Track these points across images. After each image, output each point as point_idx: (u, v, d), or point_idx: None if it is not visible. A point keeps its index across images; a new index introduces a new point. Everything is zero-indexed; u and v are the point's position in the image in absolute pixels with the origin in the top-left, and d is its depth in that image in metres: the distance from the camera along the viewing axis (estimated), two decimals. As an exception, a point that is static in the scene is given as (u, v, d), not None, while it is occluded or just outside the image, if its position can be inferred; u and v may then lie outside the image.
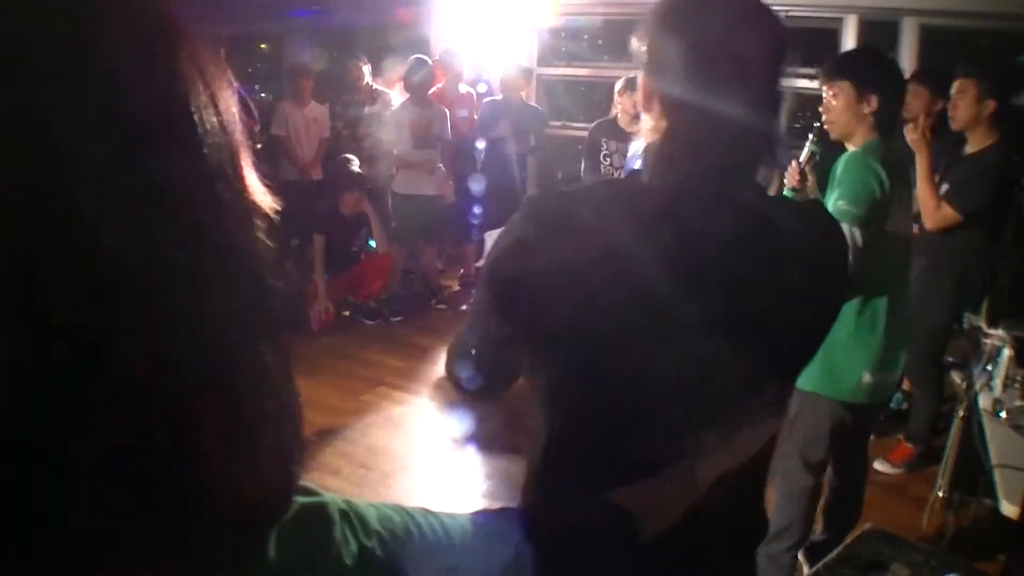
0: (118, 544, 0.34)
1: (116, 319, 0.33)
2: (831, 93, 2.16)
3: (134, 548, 0.35)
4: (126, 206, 0.34)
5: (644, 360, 0.83)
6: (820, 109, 2.22)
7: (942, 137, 3.17)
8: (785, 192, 2.34)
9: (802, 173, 2.31)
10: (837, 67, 2.20)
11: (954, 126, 3.04)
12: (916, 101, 3.35)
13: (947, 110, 3.07)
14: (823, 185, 2.32)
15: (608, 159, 4.48)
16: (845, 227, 1.96)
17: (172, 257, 0.35)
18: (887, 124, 2.18)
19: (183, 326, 0.35)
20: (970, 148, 3.04)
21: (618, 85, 4.52)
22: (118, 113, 0.34)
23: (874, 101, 2.11)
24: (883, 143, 2.13)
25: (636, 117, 4.39)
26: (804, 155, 2.31)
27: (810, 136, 2.32)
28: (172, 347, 0.35)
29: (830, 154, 2.27)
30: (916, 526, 2.54)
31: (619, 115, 4.49)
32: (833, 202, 2.07)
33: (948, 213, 2.95)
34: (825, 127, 2.21)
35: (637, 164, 4.44)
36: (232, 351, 0.38)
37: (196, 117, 0.38)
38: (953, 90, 3.00)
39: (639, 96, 0.96)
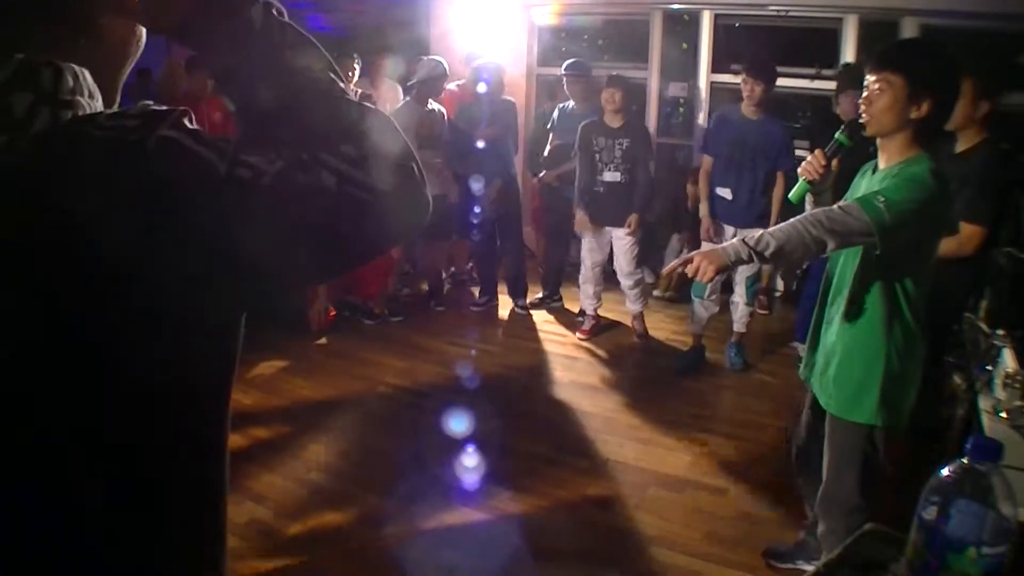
0: None
1: None
2: (877, 85, 1.90)
3: None
4: None
5: None
6: (860, 101, 1.97)
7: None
8: (800, 183, 2.09)
9: (826, 165, 2.04)
10: (891, 57, 1.93)
11: (948, 126, 3.03)
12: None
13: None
14: (845, 183, 2.18)
15: (599, 154, 4.51)
16: (865, 215, 1.80)
17: None
18: (931, 135, 1.94)
19: None
20: (960, 147, 3.03)
21: (606, 82, 4.52)
22: None
23: (925, 107, 1.87)
24: (934, 159, 1.91)
25: (617, 111, 4.41)
26: (831, 145, 2.04)
27: (842, 126, 2.06)
28: None
29: (860, 151, 2.08)
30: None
31: (606, 113, 4.51)
32: (871, 194, 1.85)
33: (974, 233, 2.89)
34: (861, 120, 1.97)
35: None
36: None
37: None
38: None
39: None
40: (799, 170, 2.11)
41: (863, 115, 1.96)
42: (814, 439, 2.28)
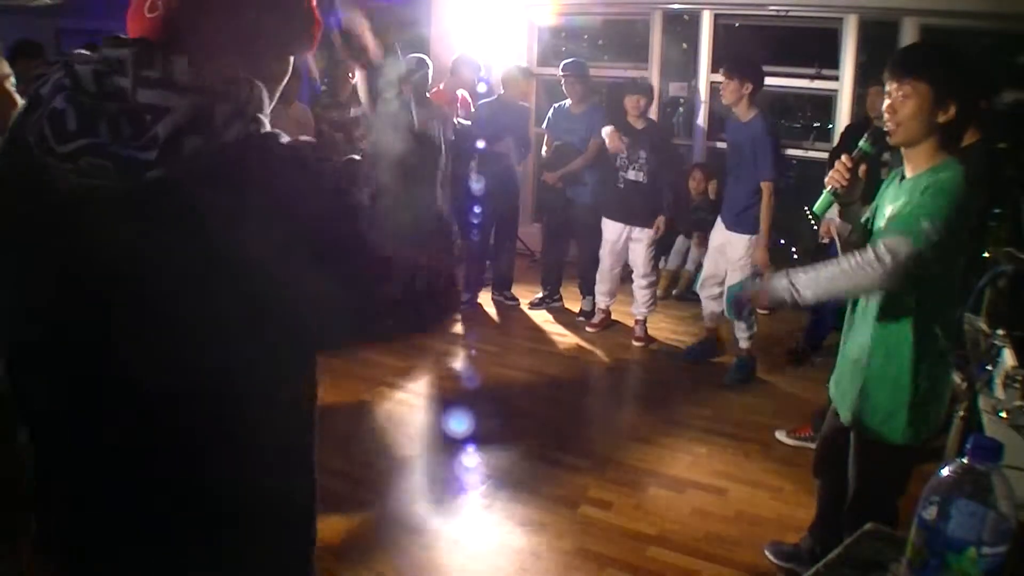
0: None
1: None
2: (900, 93, 1.87)
3: None
4: None
5: None
6: (883, 108, 1.93)
7: None
8: (825, 194, 2.03)
9: (852, 173, 1.98)
10: (913, 63, 1.90)
11: None
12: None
13: None
14: (872, 191, 2.12)
15: (617, 157, 4.53)
16: (911, 243, 1.78)
17: None
18: (957, 137, 1.92)
19: None
20: None
21: (632, 88, 4.57)
22: None
23: (952, 110, 1.84)
24: (961, 163, 1.87)
25: (639, 116, 4.42)
26: (856, 153, 1.98)
27: (865, 134, 2.01)
28: None
29: (882, 158, 2.07)
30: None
31: (629, 114, 4.54)
32: (911, 217, 1.82)
33: None
34: (885, 129, 1.92)
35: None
36: None
37: None
38: None
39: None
40: (826, 179, 2.04)
41: (887, 124, 1.91)
42: (835, 448, 2.26)
